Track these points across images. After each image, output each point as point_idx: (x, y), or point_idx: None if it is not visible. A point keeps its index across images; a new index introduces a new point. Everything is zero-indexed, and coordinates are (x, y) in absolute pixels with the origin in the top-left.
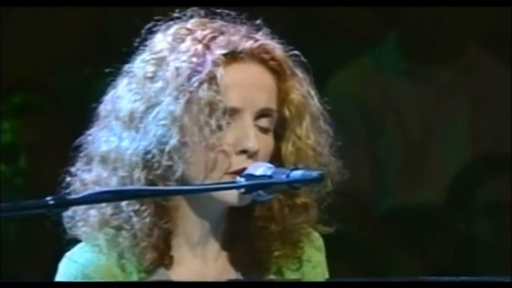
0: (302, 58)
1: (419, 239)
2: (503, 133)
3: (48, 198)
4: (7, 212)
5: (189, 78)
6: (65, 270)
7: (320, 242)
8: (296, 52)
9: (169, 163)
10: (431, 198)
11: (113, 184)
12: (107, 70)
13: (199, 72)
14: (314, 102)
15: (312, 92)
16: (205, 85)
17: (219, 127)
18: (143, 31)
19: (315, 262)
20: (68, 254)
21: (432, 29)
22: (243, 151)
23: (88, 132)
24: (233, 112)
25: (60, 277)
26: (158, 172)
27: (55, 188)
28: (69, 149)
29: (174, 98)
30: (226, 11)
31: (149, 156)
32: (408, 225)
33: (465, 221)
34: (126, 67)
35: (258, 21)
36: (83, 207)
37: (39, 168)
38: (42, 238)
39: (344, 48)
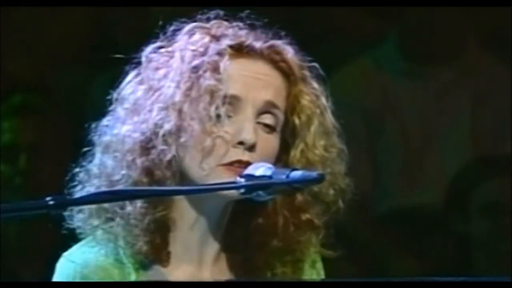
0: (321, 71)
1: (419, 240)
2: (503, 133)
3: (48, 198)
4: (7, 212)
5: (192, 65)
6: (63, 270)
7: (320, 264)
8: (315, 64)
9: (163, 147)
10: (430, 198)
11: (110, 166)
12: (106, 70)
13: (204, 60)
14: (328, 115)
15: (327, 105)
16: (208, 73)
17: (218, 116)
18: (165, 27)
19: None
20: (65, 254)
21: (432, 29)
22: (240, 143)
23: (100, 122)
24: (234, 102)
25: (58, 277)
26: (154, 156)
27: (55, 187)
28: (69, 149)
29: (175, 83)
30: (248, 16)
31: (145, 139)
32: (407, 226)
33: (464, 221)
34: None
35: (278, 30)
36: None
37: (39, 168)
38: (41, 238)
39: (344, 48)
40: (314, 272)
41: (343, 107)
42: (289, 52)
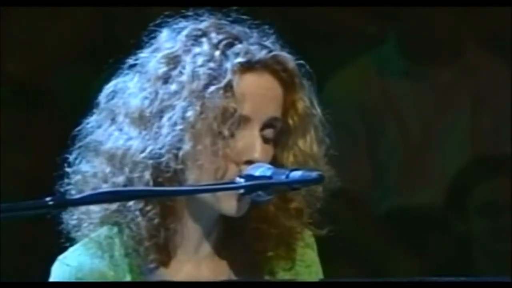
0: (308, 68)
1: (419, 239)
2: (503, 133)
3: (48, 199)
4: (7, 212)
5: (205, 84)
6: (58, 274)
7: (312, 240)
8: (302, 62)
9: (180, 167)
10: (430, 198)
11: (119, 181)
12: (106, 68)
13: (216, 78)
14: (317, 112)
15: (315, 102)
16: (221, 92)
17: (232, 135)
18: (151, 26)
19: (308, 261)
20: (60, 257)
21: (432, 29)
22: (248, 161)
23: (87, 120)
24: (243, 121)
25: (53, 280)
26: (168, 175)
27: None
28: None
29: (188, 103)
30: (238, 15)
31: (160, 159)
32: (407, 225)
33: (464, 221)
34: (133, 60)
35: (268, 28)
36: None
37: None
38: (37, 238)
39: (344, 48)
40: (310, 251)
41: (343, 107)
42: (289, 61)
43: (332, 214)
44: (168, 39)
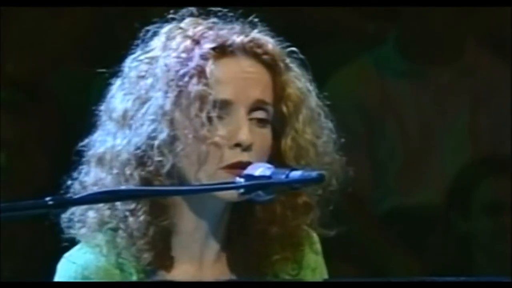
0: (300, 55)
1: (419, 239)
2: (502, 133)
3: (47, 199)
4: (7, 212)
5: (178, 72)
6: (64, 272)
7: (318, 245)
8: (293, 48)
9: (159, 158)
10: (430, 198)
11: (108, 183)
12: (106, 70)
13: (188, 66)
14: (313, 98)
15: (311, 88)
16: (195, 79)
17: (210, 120)
18: (140, 33)
19: (313, 266)
20: (66, 255)
21: (431, 30)
22: (237, 145)
23: (91, 136)
24: (225, 105)
25: (59, 278)
26: (151, 168)
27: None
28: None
29: (163, 93)
30: (221, 10)
31: (140, 152)
32: (408, 225)
33: (464, 221)
34: (122, 67)
35: (253, 19)
36: (81, 208)
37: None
38: (35, 238)
39: (344, 48)
40: (315, 256)
41: (343, 107)
42: (269, 43)
43: (332, 214)
44: (151, 43)
